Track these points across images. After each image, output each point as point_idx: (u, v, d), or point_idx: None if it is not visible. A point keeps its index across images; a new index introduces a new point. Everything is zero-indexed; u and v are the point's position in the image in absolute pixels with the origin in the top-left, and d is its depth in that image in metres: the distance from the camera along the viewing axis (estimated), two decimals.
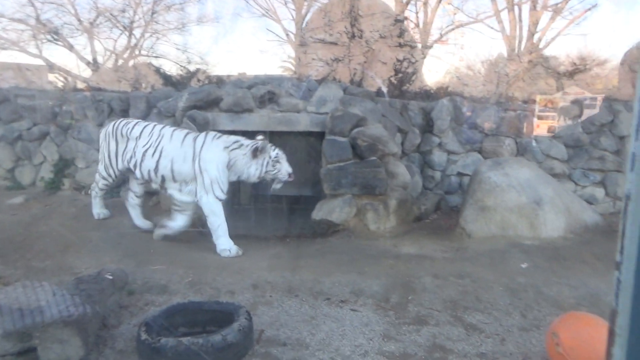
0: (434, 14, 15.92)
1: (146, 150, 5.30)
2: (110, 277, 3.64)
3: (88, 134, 7.49)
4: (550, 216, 5.49)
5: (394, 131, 6.67)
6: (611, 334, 0.50)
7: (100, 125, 7.51)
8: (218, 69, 17.20)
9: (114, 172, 5.69)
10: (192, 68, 9.61)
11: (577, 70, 9.88)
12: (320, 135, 6.28)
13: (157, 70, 8.96)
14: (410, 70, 7.66)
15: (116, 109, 7.48)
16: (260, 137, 5.39)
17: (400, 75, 7.67)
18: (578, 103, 7.52)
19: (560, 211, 5.59)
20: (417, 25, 16.05)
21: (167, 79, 8.32)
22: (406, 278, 4.42)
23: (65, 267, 4.54)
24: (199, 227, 5.74)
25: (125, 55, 14.87)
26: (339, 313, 3.72)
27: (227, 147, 5.16)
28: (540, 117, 7.62)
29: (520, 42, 13.78)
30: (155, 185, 5.45)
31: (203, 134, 5.35)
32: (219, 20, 17.15)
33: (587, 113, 7.41)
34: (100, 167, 5.80)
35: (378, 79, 7.48)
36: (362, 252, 5.17)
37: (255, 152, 5.12)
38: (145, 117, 7.11)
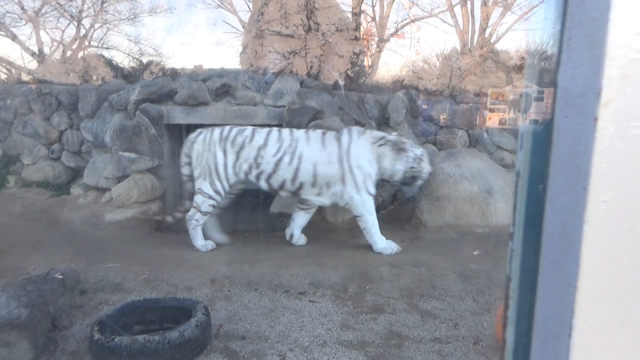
0: (389, 8, 16.15)
1: (280, 159, 4.85)
2: (61, 277, 3.51)
3: (34, 128, 7.16)
4: (501, 205, 5.72)
5: (351, 124, 6.73)
6: (506, 298, 0.55)
7: (48, 119, 7.20)
8: (172, 62, 16.81)
9: (224, 188, 5.04)
10: (145, 60, 9.33)
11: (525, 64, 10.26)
12: None
13: (108, 62, 8.64)
14: (366, 63, 7.74)
15: (64, 103, 7.17)
16: (395, 133, 5.22)
17: (356, 68, 7.73)
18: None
19: (509, 200, 5.83)
20: (373, 18, 16.23)
21: (118, 71, 8.05)
22: (364, 268, 4.50)
23: (12, 267, 4.34)
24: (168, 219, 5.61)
25: (74, 47, 14.27)
26: (298, 305, 3.75)
27: (374, 143, 4.91)
28: (491, 110, 7.88)
29: (472, 36, 14.21)
30: (285, 194, 5.05)
31: (346, 130, 5.03)
32: (173, 10, 16.74)
33: (535, 105, 7.73)
34: (203, 184, 5.03)
35: (335, 72, 7.52)
36: (320, 244, 5.22)
37: (399, 148, 4.91)
38: (95, 110, 6.86)
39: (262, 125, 6.50)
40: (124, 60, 13.14)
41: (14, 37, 12.76)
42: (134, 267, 4.38)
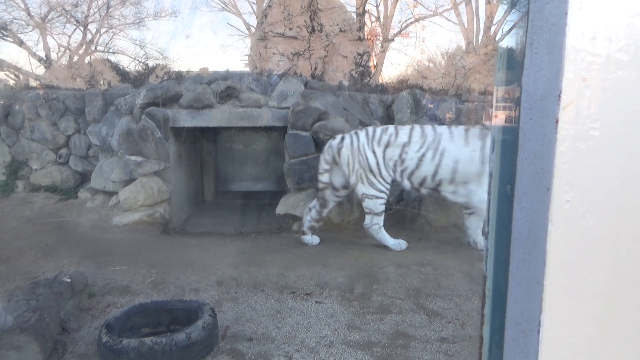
0: (394, 7, 16.13)
1: (423, 155, 4.81)
2: (69, 280, 3.55)
3: (42, 133, 7.24)
4: None
5: (355, 124, 6.73)
6: (483, 297, 0.57)
7: (55, 124, 7.28)
8: (178, 65, 16.92)
9: (385, 186, 4.99)
10: (150, 64, 9.41)
11: None
12: (283, 130, 6.28)
13: (114, 67, 8.73)
14: (369, 63, 7.75)
15: (71, 107, 7.25)
16: None
17: (361, 68, 7.74)
18: None
19: None
20: (377, 18, 16.23)
21: (124, 76, 8.13)
22: (370, 268, 4.50)
23: (21, 271, 4.39)
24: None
25: (80, 52, 14.41)
26: (304, 306, 3.76)
27: None
28: (497, 108, 7.85)
29: (477, 34, 14.16)
30: (425, 191, 5.01)
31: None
32: (177, 14, 16.83)
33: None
34: (364, 188, 5.02)
35: (339, 73, 7.53)
36: (326, 245, 5.22)
37: None
38: (102, 115, 6.93)
39: (266, 127, 6.55)
40: (129, 65, 13.25)
41: (21, 43, 12.91)
42: (142, 270, 4.42)
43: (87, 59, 13.73)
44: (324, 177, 5.20)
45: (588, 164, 0.49)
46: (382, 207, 5.05)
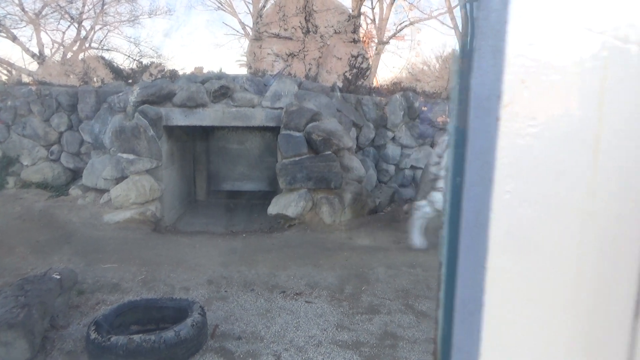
0: (389, 10, 16.19)
1: None
2: (58, 277, 3.55)
3: (33, 129, 7.21)
4: None
5: (348, 126, 6.77)
6: (438, 282, 0.61)
7: (47, 121, 7.25)
8: (172, 63, 16.91)
9: None
10: (144, 62, 9.40)
11: None
12: (276, 130, 6.31)
13: (108, 64, 8.71)
14: (364, 65, 7.80)
15: (64, 104, 7.23)
16: None
17: (354, 70, 7.78)
18: None
19: None
20: (373, 21, 16.29)
21: (118, 73, 8.11)
22: (360, 269, 4.53)
23: (10, 268, 4.38)
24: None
25: (74, 48, 14.36)
26: (294, 305, 3.78)
27: None
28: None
29: None
30: None
31: None
32: (172, 12, 16.83)
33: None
34: None
35: (333, 74, 7.56)
36: (317, 246, 5.25)
37: None
38: (95, 112, 6.91)
39: (259, 127, 6.56)
40: (123, 62, 13.24)
41: (14, 39, 12.85)
42: (132, 268, 4.42)
43: (80, 56, 13.68)
44: (433, 169, 5.26)
45: (526, 158, 0.54)
46: None
